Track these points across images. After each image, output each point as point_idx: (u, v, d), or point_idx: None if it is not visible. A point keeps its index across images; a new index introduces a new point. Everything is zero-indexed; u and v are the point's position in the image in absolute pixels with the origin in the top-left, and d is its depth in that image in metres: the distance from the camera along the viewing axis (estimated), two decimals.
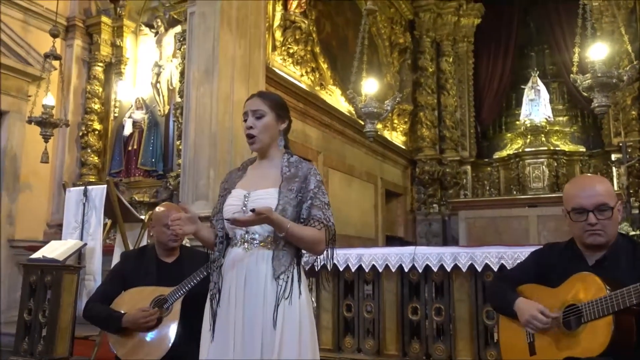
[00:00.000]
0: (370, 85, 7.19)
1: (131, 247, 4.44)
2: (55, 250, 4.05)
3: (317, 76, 8.16)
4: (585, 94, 5.61)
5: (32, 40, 6.56)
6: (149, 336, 2.53)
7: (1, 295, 5.80)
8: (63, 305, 3.86)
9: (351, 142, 9.00)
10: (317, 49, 8.15)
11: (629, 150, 8.60)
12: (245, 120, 1.98)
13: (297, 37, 7.56)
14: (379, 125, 8.08)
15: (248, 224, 1.80)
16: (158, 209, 2.83)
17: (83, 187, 4.48)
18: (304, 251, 1.91)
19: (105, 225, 4.68)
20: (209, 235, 2.01)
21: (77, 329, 4.09)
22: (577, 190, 1.99)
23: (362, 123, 7.46)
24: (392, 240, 9.94)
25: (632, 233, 5.91)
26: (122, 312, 2.56)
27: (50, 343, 3.79)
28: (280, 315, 1.77)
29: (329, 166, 8.21)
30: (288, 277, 1.82)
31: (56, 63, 6.62)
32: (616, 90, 5.81)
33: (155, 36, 7.22)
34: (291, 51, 7.50)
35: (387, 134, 10.45)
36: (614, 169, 9.78)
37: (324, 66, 8.35)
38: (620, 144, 8.61)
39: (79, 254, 4.23)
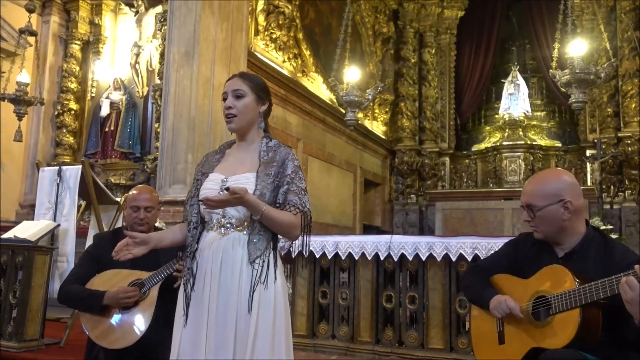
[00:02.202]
0: (352, 74, 7.19)
1: (106, 230, 4.38)
2: (27, 230, 3.97)
3: (300, 63, 8.11)
4: (563, 89, 5.70)
5: (6, 14, 6.38)
6: (123, 319, 2.50)
7: None
8: (34, 286, 3.80)
9: (331, 130, 9.00)
10: (300, 35, 8.10)
11: (603, 146, 8.77)
12: (224, 100, 1.95)
13: (280, 22, 7.49)
14: (360, 114, 8.08)
15: (222, 204, 1.77)
16: (131, 191, 2.80)
17: (57, 167, 4.39)
18: (280, 236, 1.91)
19: (79, 206, 4.61)
20: (174, 238, 1.97)
21: (48, 311, 4.03)
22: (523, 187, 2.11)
23: (343, 111, 7.46)
24: (369, 230, 10.00)
25: (603, 227, 6.04)
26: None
27: (21, 325, 3.73)
28: (256, 299, 1.77)
29: (308, 154, 8.20)
30: (264, 261, 1.81)
31: (31, 39, 6.46)
32: (593, 86, 5.91)
33: (135, 15, 7.09)
34: (274, 36, 7.43)
35: (367, 123, 10.47)
36: (588, 165, 9.98)
37: (307, 53, 8.30)
38: (595, 140, 8.77)
39: (52, 235, 4.16)
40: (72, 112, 7.10)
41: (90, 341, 2.61)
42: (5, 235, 4.04)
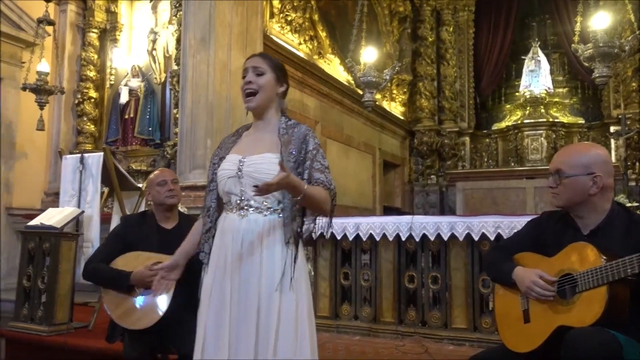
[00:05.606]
0: (369, 54, 7.11)
1: None
2: (52, 217, 4.05)
3: (316, 44, 8.05)
4: (586, 64, 5.56)
5: (24, 5, 6.42)
6: (145, 301, 2.55)
7: (0, 263, 5.83)
8: (62, 272, 3.89)
9: (349, 112, 8.94)
10: (316, 17, 8.02)
11: (628, 122, 8.57)
12: (244, 77, 1.94)
13: (295, 4, 7.43)
14: (378, 95, 8.01)
15: (273, 187, 1.70)
16: (151, 175, 2.84)
17: (79, 155, 4.46)
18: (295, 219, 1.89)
19: (102, 193, 4.67)
20: (194, 242, 2.06)
21: (76, 296, 4.13)
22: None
23: (361, 92, 7.40)
24: (389, 211, 9.98)
25: (629, 205, 5.93)
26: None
27: (50, 309, 3.83)
28: (278, 278, 1.78)
29: (326, 136, 8.17)
30: (285, 241, 1.82)
31: (50, 29, 6.48)
32: (617, 60, 5.75)
33: (150, 2, 7.08)
34: (289, 19, 7.37)
35: (385, 104, 10.38)
36: (612, 141, 9.77)
37: (323, 34, 8.22)
38: (620, 116, 8.57)
39: (77, 222, 4.24)
40: (92, 100, 7.17)
41: (112, 322, 2.67)
42: (32, 223, 4.14)
